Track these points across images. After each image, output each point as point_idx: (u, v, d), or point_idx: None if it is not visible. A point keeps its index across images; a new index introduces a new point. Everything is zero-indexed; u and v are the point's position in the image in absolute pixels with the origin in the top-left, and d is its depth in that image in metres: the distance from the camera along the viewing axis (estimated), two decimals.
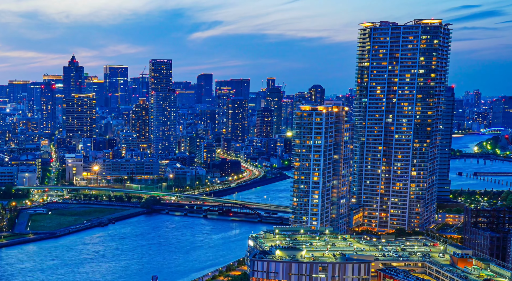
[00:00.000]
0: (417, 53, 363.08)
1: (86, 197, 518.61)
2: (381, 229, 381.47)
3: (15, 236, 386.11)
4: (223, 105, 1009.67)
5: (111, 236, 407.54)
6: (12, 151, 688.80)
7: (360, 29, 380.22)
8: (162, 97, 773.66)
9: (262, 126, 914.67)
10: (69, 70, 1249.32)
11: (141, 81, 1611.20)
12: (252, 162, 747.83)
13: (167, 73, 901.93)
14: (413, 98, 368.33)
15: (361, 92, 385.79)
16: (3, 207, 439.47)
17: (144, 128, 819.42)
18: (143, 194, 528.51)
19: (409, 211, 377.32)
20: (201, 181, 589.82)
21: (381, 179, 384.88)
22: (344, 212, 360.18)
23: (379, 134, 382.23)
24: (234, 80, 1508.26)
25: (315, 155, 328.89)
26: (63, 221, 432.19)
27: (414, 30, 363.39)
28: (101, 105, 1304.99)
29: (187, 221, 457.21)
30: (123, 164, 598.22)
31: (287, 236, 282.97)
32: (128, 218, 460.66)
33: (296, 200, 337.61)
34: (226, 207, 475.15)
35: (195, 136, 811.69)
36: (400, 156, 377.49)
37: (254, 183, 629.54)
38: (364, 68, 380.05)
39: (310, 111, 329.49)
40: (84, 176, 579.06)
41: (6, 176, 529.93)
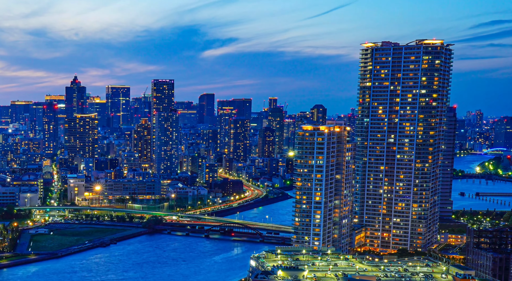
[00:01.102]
0: (419, 73, 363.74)
1: (88, 217, 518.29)
2: (383, 249, 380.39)
3: (16, 257, 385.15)
4: (225, 125, 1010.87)
5: (112, 256, 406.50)
6: (14, 171, 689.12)
7: (362, 50, 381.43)
8: (164, 117, 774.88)
9: (264, 146, 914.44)
10: (71, 90, 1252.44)
11: (143, 101, 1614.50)
12: (254, 182, 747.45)
13: (169, 93, 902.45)
14: (415, 118, 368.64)
15: (363, 112, 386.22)
16: (5, 227, 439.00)
17: (146, 148, 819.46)
18: (145, 214, 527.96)
19: (411, 232, 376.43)
20: (203, 201, 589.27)
21: (383, 199, 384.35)
22: (346, 232, 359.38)
23: (381, 154, 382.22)
24: (236, 100, 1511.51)
25: (317, 175, 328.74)
26: (64, 241, 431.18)
27: (415, 50, 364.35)
28: (103, 125, 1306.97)
29: (189, 241, 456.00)
30: (125, 184, 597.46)
31: (289, 256, 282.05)
32: (130, 238, 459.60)
33: (298, 220, 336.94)
34: (228, 227, 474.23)
35: (197, 156, 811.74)
36: (402, 176, 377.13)
37: (256, 203, 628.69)
38: (366, 88, 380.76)
39: (312, 131, 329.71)
40: (86, 196, 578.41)
41: (8, 197, 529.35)
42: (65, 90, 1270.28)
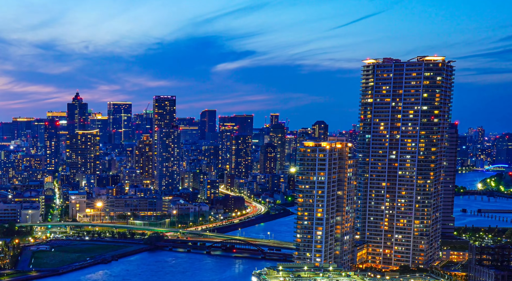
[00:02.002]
0: (420, 90, 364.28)
1: (89, 234, 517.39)
2: (385, 266, 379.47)
3: (18, 274, 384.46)
4: (226, 141, 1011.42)
5: (113, 273, 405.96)
6: (16, 188, 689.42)
7: (363, 66, 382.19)
8: (166, 133, 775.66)
9: (265, 162, 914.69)
10: (73, 106, 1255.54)
11: (145, 117, 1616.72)
12: (255, 198, 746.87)
13: (170, 109, 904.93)
14: (417, 134, 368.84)
15: (364, 128, 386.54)
16: (6, 244, 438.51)
17: (147, 164, 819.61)
18: (146, 230, 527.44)
19: (413, 248, 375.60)
20: (204, 217, 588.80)
21: (384, 216, 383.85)
22: (348, 248, 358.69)
23: (382, 170, 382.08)
24: (237, 117, 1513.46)
25: (319, 191, 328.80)
26: (66, 258, 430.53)
27: (417, 67, 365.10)
28: (104, 141, 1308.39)
29: (190, 257, 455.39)
30: (127, 201, 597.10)
31: (291, 272, 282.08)
32: (131, 255, 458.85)
33: (300, 237, 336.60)
34: (229, 244, 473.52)
35: (199, 172, 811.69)
36: (404, 192, 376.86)
37: (257, 219, 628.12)
38: (368, 104, 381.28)
39: (314, 147, 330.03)
40: (88, 213, 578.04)
41: (10, 213, 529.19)
42: (67, 106, 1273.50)
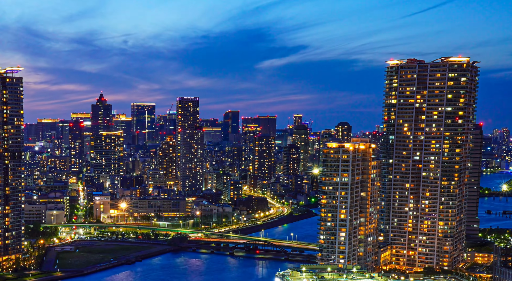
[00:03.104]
0: (444, 91, 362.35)
1: (113, 235, 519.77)
2: (409, 267, 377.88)
3: (43, 274, 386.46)
4: (249, 142, 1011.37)
5: (138, 274, 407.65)
6: (41, 189, 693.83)
7: (387, 67, 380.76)
8: (189, 135, 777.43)
9: (288, 163, 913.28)
10: (97, 108, 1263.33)
11: (168, 118, 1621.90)
12: (278, 199, 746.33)
13: (194, 110, 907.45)
14: (441, 135, 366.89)
15: (388, 130, 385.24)
16: (31, 245, 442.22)
17: (171, 165, 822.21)
18: (169, 231, 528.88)
19: (437, 250, 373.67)
20: (227, 218, 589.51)
21: (408, 217, 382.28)
22: (372, 250, 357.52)
23: (406, 171, 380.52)
24: (260, 118, 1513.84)
25: (342, 192, 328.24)
26: (90, 258, 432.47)
27: (441, 68, 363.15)
28: (128, 142, 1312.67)
29: (213, 258, 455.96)
30: (150, 202, 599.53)
31: (314, 274, 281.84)
32: (155, 255, 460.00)
33: (323, 238, 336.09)
34: (252, 245, 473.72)
35: (222, 173, 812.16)
36: (428, 194, 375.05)
37: (280, 221, 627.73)
38: (391, 105, 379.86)
39: (337, 148, 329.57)
40: (112, 214, 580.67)
41: (35, 214, 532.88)
42: (91, 107, 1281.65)
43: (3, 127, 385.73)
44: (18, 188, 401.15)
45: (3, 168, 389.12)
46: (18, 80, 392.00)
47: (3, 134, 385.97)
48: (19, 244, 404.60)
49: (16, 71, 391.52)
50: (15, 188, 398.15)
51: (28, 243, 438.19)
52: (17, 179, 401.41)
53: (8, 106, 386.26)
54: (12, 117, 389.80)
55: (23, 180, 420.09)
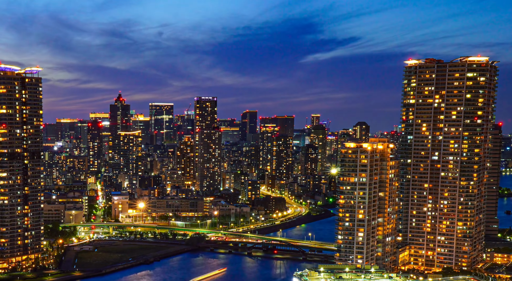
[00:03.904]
0: (463, 91, 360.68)
1: (131, 234, 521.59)
2: (428, 268, 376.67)
3: (62, 274, 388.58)
4: (267, 142, 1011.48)
5: (156, 274, 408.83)
6: (59, 188, 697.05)
7: (405, 67, 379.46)
8: (207, 135, 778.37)
9: (306, 163, 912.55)
10: (115, 108, 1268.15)
11: (186, 118, 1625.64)
12: (296, 199, 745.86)
13: (212, 110, 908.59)
14: (460, 135, 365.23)
15: (406, 130, 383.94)
16: (50, 244, 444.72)
17: (189, 165, 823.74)
18: (187, 231, 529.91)
19: (456, 250, 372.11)
20: (245, 218, 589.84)
21: (427, 217, 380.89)
22: (390, 250, 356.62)
23: (425, 172, 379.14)
24: (278, 118, 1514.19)
25: (360, 192, 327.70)
26: (109, 258, 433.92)
27: (460, 67, 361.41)
28: (146, 142, 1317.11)
29: (231, 258, 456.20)
30: (168, 201, 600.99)
31: (332, 274, 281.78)
32: (173, 255, 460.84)
33: (341, 238, 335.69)
34: (270, 245, 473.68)
35: (240, 173, 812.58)
36: (446, 194, 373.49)
37: (298, 221, 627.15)
38: (409, 105, 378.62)
39: (355, 148, 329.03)
40: (130, 214, 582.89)
41: (54, 214, 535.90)
42: (110, 107, 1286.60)
43: (23, 127, 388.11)
44: (37, 188, 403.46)
45: (23, 168, 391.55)
46: (37, 81, 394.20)
47: (22, 134, 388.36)
48: (38, 243, 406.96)
49: (35, 72, 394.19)
50: (34, 188, 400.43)
51: (47, 243, 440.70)
52: (36, 179, 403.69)
53: (28, 106, 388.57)
54: (31, 117, 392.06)
55: (42, 180, 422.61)
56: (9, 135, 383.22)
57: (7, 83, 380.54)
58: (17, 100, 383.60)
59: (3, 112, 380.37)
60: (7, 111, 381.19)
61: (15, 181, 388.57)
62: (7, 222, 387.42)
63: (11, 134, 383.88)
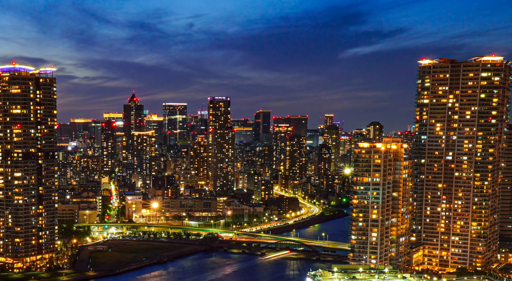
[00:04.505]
0: (477, 91, 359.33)
1: (145, 234, 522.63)
2: (442, 268, 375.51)
3: (76, 273, 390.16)
4: (280, 142, 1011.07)
5: (170, 274, 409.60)
6: (74, 188, 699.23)
7: (419, 67, 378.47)
8: (220, 135, 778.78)
9: (319, 163, 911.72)
10: (129, 108, 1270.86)
11: (200, 118, 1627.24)
12: (309, 199, 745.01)
13: (225, 110, 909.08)
14: (474, 135, 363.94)
15: (420, 130, 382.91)
16: (64, 244, 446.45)
17: (202, 165, 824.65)
18: (201, 231, 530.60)
19: (470, 250, 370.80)
20: (259, 218, 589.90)
21: (441, 218, 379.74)
22: (404, 250, 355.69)
23: (439, 172, 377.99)
24: (291, 117, 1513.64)
25: (374, 192, 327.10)
26: (122, 258, 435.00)
27: (474, 67, 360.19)
28: (160, 142, 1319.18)
29: (245, 258, 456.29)
30: (182, 201, 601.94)
31: (346, 274, 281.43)
32: (187, 255, 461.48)
33: (355, 238, 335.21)
34: (284, 245, 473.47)
35: (253, 173, 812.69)
36: (460, 194, 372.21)
37: (312, 221, 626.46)
38: (423, 105, 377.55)
39: (369, 148, 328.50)
40: (143, 214, 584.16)
41: (68, 214, 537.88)
42: (123, 108, 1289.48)
43: (37, 127, 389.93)
44: (51, 188, 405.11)
45: (37, 168, 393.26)
46: (51, 81, 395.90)
47: (36, 134, 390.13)
48: (52, 243, 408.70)
49: (49, 72, 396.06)
50: (48, 187, 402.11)
51: (61, 243, 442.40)
52: (51, 179, 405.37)
53: (42, 106, 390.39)
54: (45, 117, 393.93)
55: (56, 179, 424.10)
56: (24, 135, 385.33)
57: (22, 84, 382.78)
58: (31, 100, 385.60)
59: (18, 112, 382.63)
60: (22, 111, 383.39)
61: (29, 181, 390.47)
62: (21, 222, 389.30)
63: (26, 134, 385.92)
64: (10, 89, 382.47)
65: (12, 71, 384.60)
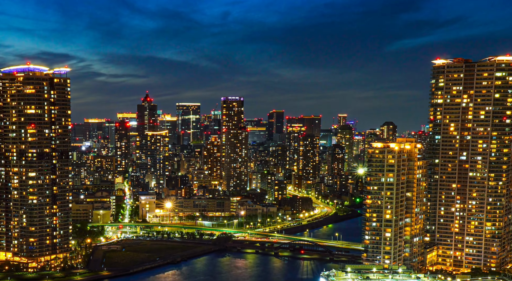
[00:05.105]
0: (492, 90, 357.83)
1: (158, 234, 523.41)
2: (456, 268, 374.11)
3: (90, 273, 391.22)
4: (294, 142, 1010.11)
5: (183, 273, 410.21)
6: (87, 188, 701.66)
7: (433, 66, 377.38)
8: (234, 135, 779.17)
9: (333, 163, 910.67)
10: (142, 108, 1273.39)
11: (213, 118, 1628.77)
12: (323, 199, 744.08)
13: (238, 111, 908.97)
14: (488, 135, 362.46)
15: (434, 129, 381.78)
16: (79, 244, 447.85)
17: (215, 165, 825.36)
18: (214, 231, 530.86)
19: (484, 251, 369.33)
20: (272, 218, 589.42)
21: (455, 218, 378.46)
22: (418, 250, 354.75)
23: (453, 172, 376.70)
24: (305, 117, 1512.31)
25: (387, 192, 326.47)
26: (136, 258, 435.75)
27: (488, 67, 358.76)
28: (173, 142, 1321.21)
29: (258, 258, 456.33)
30: (195, 201, 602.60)
31: (359, 274, 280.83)
32: (200, 255, 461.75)
33: (368, 238, 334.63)
34: (297, 245, 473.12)
35: (266, 173, 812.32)
36: (475, 194, 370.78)
37: (325, 221, 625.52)
38: (437, 105, 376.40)
39: (382, 148, 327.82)
40: (157, 213, 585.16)
41: (82, 213, 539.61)
42: (137, 108, 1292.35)
43: (51, 127, 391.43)
44: (65, 188, 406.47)
45: (51, 168, 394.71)
46: (65, 81, 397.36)
47: (51, 134, 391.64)
48: (66, 243, 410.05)
49: (63, 72, 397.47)
50: (62, 187, 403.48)
51: (75, 242, 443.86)
52: (65, 179, 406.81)
53: (56, 107, 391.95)
54: (59, 117, 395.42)
55: (70, 179, 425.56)
56: (38, 135, 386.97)
57: (36, 84, 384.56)
58: (45, 100, 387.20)
59: (32, 112, 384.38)
60: (36, 111, 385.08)
61: (43, 180, 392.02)
62: (36, 222, 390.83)
63: (40, 134, 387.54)
64: (24, 89, 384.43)
65: (27, 72, 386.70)
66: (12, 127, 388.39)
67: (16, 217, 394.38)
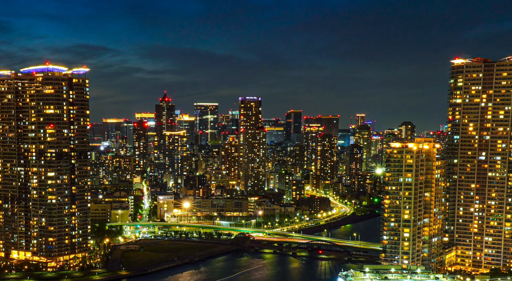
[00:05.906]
0: (511, 90, 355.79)
1: (176, 234, 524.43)
2: (475, 269, 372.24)
3: (108, 273, 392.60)
4: (311, 142, 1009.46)
5: (201, 273, 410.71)
6: (106, 188, 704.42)
7: (451, 66, 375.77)
8: (251, 135, 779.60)
9: (351, 163, 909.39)
10: (160, 108, 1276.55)
11: (231, 118, 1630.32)
12: (341, 199, 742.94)
13: (256, 111, 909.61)
14: (507, 135, 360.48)
15: (452, 129, 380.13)
16: (97, 243, 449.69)
17: (233, 165, 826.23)
18: (232, 231, 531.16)
19: (504, 251, 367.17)
20: (290, 218, 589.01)
21: (474, 218, 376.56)
22: (436, 251, 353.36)
23: (471, 172, 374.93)
24: (323, 117, 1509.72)
25: (406, 192, 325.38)
26: (154, 257, 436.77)
27: (508, 66, 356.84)
28: (191, 142, 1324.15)
29: (276, 258, 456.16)
30: (213, 201, 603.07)
31: (378, 274, 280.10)
32: (218, 255, 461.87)
33: (387, 238, 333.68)
34: (315, 245, 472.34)
35: (284, 173, 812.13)
36: (494, 194, 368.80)
37: (343, 221, 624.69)
38: (456, 105, 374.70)
39: (401, 148, 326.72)
40: (175, 213, 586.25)
41: (100, 213, 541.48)
42: (155, 108, 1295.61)
43: (70, 127, 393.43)
44: (84, 188, 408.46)
45: (70, 168, 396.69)
46: (84, 81, 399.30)
47: (69, 134, 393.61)
48: (85, 242, 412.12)
49: (82, 72, 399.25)
50: (81, 187, 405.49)
51: (94, 242, 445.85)
52: (83, 179, 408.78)
53: (75, 107, 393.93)
54: (78, 117, 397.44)
55: (89, 179, 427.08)
56: (57, 135, 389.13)
57: (55, 84, 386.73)
58: (64, 101, 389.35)
59: (51, 112, 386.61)
60: (55, 111, 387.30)
61: (62, 180, 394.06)
62: (55, 221, 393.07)
63: (59, 134, 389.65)
64: (43, 89, 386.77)
65: (46, 72, 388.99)
66: (31, 127, 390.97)
67: (35, 217, 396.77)
